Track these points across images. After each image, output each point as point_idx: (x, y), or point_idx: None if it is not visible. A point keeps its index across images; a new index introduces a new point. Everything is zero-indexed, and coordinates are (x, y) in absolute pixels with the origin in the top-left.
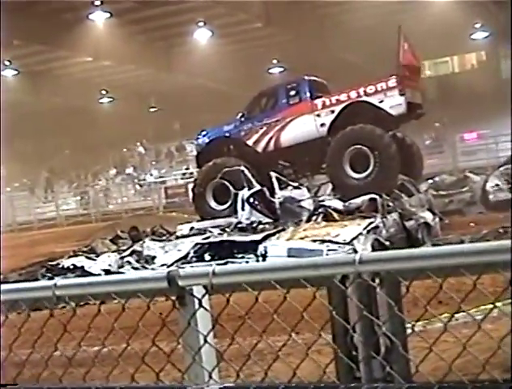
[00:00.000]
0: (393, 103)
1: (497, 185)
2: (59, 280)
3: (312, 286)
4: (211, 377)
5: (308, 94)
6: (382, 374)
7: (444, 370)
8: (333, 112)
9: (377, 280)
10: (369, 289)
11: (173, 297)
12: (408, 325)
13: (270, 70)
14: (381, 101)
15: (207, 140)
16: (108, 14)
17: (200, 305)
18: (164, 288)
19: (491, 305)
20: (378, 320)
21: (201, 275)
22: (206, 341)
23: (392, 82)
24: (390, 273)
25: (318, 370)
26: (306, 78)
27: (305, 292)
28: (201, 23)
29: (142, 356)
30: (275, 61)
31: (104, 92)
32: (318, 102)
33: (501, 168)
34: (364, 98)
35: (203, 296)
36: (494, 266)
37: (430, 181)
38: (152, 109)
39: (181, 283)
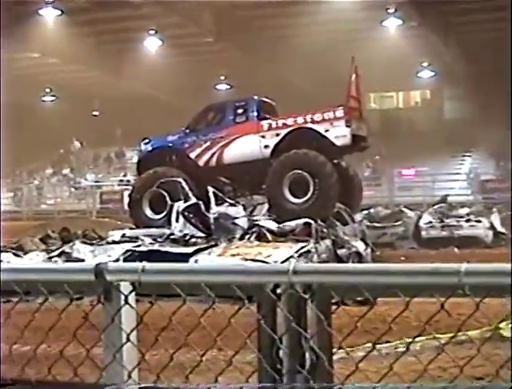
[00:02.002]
0: (338, 133)
1: (430, 222)
2: None
3: (242, 292)
4: (130, 376)
5: (255, 114)
6: (305, 388)
7: None
8: (278, 135)
9: (309, 294)
10: (300, 302)
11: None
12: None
13: (217, 86)
14: (327, 130)
15: (150, 148)
16: (59, 12)
17: (126, 301)
18: (90, 281)
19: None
20: (306, 333)
21: (130, 270)
22: (128, 339)
23: (339, 112)
24: (322, 287)
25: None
26: (255, 98)
27: (232, 310)
28: (152, 31)
29: (60, 350)
30: (222, 78)
31: (48, 90)
32: (264, 123)
33: (436, 206)
34: (311, 125)
35: (130, 292)
36: (428, 288)
37: (365, 212)
38: (95, 113)
39: (108, 277)
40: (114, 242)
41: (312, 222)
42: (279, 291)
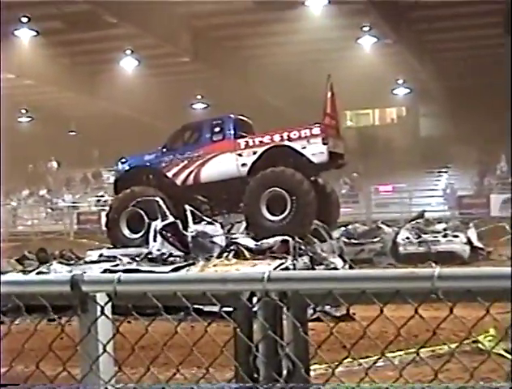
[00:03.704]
0: (315, 151)
1: (408, 238)
2: None
3: (219, 303)
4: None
5: (232, 132)
6: None
7: None
8: (255, 153)
9: (285, 301)
10: (276, 310)
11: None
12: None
13: (194, 106)
14: (304, 148)
15: (127, 167)
16: (35, 33)
17: (102, 312)
18: (66, 293)
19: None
20: (282, 341)
21: (105, 281)
22: (105, 350)
23: (316, 130)
24: (298, 294)
25: None
26: (232, 116)
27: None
28: (128, 52)
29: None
30: (198, 97)
31: (24, 111)
32: (241, 142)
33: (413, 222)
34: (287, 143)
35: (106, 303)
36: (401, 294)
37: (343, 228)
38: (71, 133)
39: (84, 288)
40: (92, 262)
41: (290, 239)
42: (255, 300)
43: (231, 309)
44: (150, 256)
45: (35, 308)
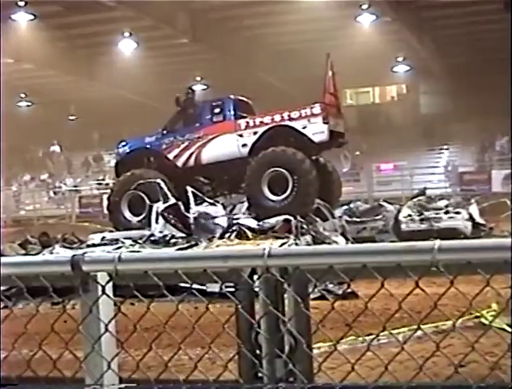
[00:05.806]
0: (316, 130)
1: (410, 215)
2: None
3: (220, 280)
4: (109, 367)
5: (232, 113)
6: (285, 372)
7: None
8: (256, 133)
9: (286, 277)
10: (277, 286)
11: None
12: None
13: (193, 87)
14: (305, 127)
15: (128, 150)
16: (32, 17)
17: (103, 292)
18: (67, 273)
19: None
20: (284, 317)
21: (106, 260)
22: (107, 330)
23: (316, 109)
24: (299, 270)
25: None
26: (232, 97)
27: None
28: (126, 34)
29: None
30: (198, 79)
31: (23, 96)
32: (242, 122)
33: (415, 200)
34: (288, 123)
35: (107, 283)
36: (403, 268)
37: (345, 207)
38: (72, 117)
39: (85, 268)
40: (94, 245)
41: (292, 219)
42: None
43: (233, 289)
44: (152, 238)
45: (39, 291)
